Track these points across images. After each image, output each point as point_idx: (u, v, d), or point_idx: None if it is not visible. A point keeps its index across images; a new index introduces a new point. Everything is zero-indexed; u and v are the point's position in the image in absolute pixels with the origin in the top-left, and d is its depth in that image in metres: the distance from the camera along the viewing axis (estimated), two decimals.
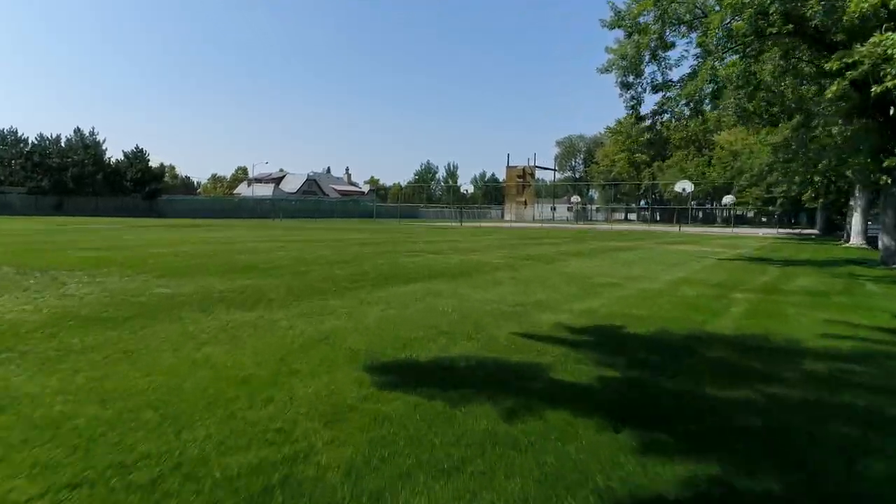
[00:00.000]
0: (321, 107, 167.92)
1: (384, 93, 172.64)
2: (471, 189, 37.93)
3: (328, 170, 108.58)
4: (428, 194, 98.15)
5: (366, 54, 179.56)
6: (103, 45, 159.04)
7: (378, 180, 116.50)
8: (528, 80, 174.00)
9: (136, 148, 57.22)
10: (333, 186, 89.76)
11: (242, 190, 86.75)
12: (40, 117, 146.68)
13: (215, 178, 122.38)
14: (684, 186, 34.28)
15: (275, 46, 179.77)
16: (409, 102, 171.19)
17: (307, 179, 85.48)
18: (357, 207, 55.22)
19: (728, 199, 53.77)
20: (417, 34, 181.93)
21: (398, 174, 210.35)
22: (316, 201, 54.37)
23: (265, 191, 79.79)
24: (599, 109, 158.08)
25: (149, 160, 57.70)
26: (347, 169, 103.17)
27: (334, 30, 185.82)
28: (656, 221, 64.34)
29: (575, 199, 58.58)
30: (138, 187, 55.78)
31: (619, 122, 76.61)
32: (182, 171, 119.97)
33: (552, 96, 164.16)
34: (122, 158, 56.91)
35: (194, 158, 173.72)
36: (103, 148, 55.79)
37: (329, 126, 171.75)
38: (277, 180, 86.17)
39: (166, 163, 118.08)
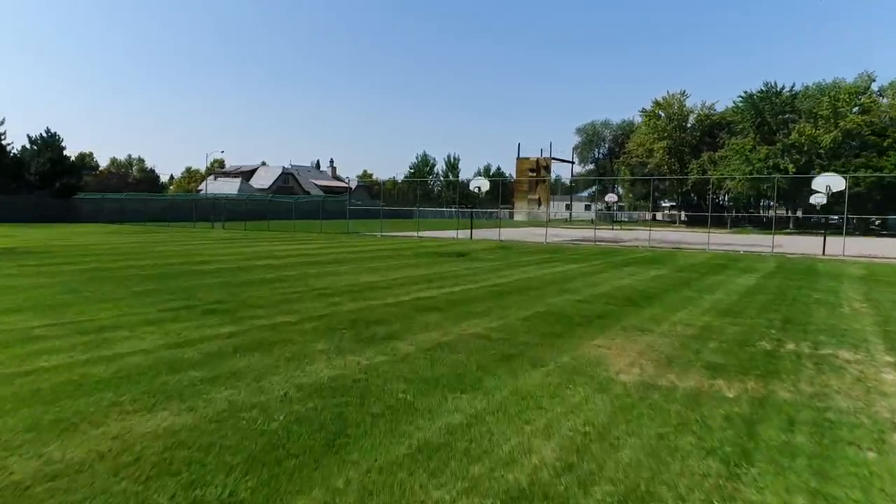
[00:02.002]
0: (318, 102, 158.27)
1: (383, 89, 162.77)
2: (485, 185, 25.10)
3: (317, 164, 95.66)
4: (425, 190, 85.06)
5: (364, 50, 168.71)
6: (102, 42, 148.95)
7: (371, 174, 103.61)
8: (529, 76, 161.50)
9: (47, 132, 44.32)
10: (314, 181, 76.73)
11: (208, 185, 73.85)
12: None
13: (190, 172, 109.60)
14: (828, 183, 21.51)
15: (273, 42, 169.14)
16: (409, 99, 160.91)
17: (282, 173, 72.50)
18: (330, 207, 42.17)
19: (818, 198, 40.75)
20: (416, 25, 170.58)
21: (396, 171, 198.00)
22: (271, 201, 41.31)
23: (231, 186, 66.82)
24: (607, 108, 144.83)
25: (64, 148, 44.81)
26: (332, 162, 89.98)
27: (335, 28, 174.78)
28: (691, 224, 51.27)
29: (610, 197, 45.95)
30: (46, 182, 42.95)
31: (656, 104, 63.26)
32: (152, 164, 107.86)
33: (557, 95, 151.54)
34: (28, 146, 44.10)
35: (193, 155, 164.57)
36: None
37: (327, 124, 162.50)
38: (248, 174, 73.15)
39: (134, 155, 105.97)
